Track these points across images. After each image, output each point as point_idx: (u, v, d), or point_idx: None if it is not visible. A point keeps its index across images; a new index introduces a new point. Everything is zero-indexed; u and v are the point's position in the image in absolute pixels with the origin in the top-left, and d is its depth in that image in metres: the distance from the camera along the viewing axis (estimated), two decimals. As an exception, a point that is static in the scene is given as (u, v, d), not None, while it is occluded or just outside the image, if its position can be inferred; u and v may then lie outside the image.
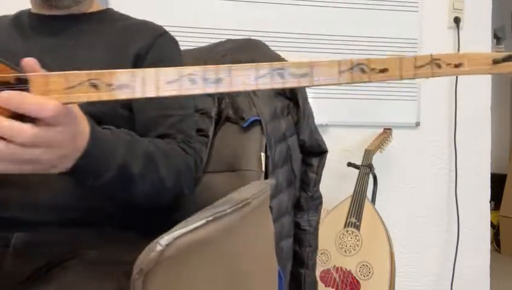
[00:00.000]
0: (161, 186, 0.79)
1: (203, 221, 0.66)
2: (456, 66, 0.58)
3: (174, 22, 1.74)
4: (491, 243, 3.05)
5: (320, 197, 1.20)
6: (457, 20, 2.11)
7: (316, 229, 1.19)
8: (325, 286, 1.68)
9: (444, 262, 2.13)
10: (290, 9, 1.96)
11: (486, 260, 2.19)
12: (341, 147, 2.03)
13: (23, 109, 0.53)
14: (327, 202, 1.92)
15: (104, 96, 0.54)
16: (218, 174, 1.05)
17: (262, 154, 1.05)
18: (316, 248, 1.19)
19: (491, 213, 2.25)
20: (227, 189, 1.02)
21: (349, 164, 1.93)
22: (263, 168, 1.04)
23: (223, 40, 1.32)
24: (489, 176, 2.19)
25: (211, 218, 0.67)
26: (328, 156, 2.03)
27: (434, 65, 0.58)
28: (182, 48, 1.02)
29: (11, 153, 0.54)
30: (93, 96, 0.54)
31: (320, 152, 1.20)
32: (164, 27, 0.98)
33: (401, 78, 0.56)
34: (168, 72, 0.55)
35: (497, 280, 2.25)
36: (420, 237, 2.12)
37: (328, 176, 2.05)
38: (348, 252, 1.70)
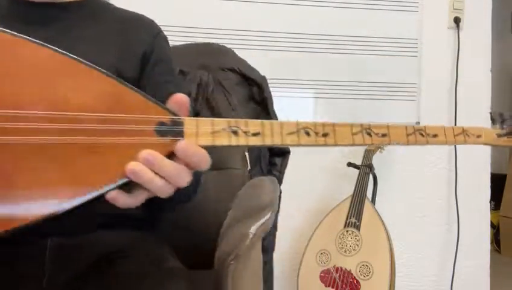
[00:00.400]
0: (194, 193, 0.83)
1: (269, 214, 0.80)
2: (478, 136, 0.79)
3: (174, 21, 1.75)
4: (491, 243, 3.05)
5: (280, 192, 1.27)
6: (457, 20, 2.11)
7: (275, 219, 1.25)
8: (325, 286, 1.68)
9: (444, 262, 2.13)
10: (290, 9, 1.96)
11: (486, 260, 2.19)
12: (341, 147, 2.03)
13: (188, 159, 0.56)
14: (327, 202, 1.93)
15: (242, 141, 0.61)
16: (205, 173, 1.10)
17: (247, 153, 1.09)
18: (275, 236, 1.27)
19: (491, 213, 2.25)
20: (218, 187, 1.07)
21: (349, 164, 1.93)
22: (249, 167, 1.09)
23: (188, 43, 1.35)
24: (489, 176, 2.19)
25: (272, 210, 0.81)
26: (328, 156, 2.04)
27: (465, 134, 0.77)
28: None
29: (164, 191, 0.57)
30: (233, 141, 0.60)
31: (284, 152, 1.26)
32: (163, 27, 0.98)
33: (446, 143, 0.75)
34: (289, 124, 0.63)
35: (497, 280, 2.25)
36: (420, 237, 2.12)
37: (328, 176, 2.07)
38: (348, 252, 1.70)
